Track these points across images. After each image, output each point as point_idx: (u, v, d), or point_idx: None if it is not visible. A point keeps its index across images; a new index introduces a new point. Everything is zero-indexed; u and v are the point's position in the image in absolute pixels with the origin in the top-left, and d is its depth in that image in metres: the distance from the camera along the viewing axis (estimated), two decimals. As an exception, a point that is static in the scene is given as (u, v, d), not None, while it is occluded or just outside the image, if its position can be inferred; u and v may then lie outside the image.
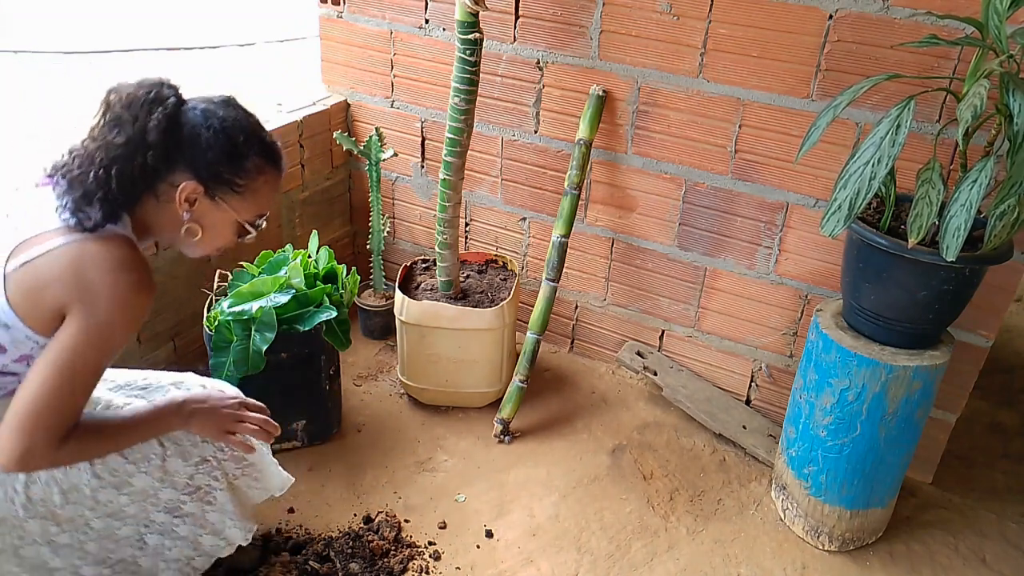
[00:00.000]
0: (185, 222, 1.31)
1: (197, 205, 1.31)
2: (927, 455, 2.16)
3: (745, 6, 1.96)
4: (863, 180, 1.55)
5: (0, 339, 1.27)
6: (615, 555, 1.92)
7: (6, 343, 1.28)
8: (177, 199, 1.28)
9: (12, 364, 1.31)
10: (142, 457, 1.43)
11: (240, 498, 1.61)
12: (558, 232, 2.28)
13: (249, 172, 1.32)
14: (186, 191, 1.28)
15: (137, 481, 1.42)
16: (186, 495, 1.50)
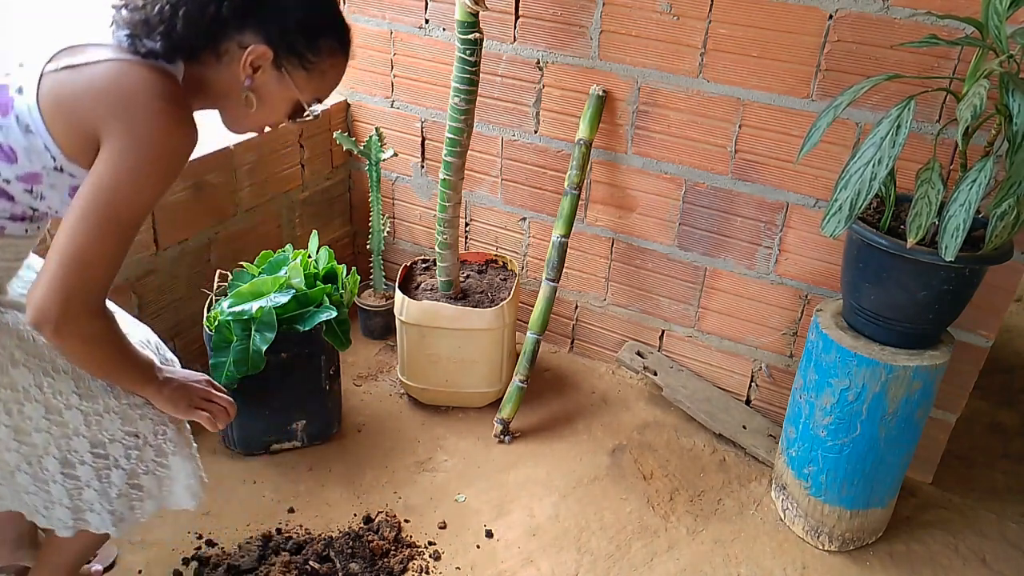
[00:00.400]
0: (244, 88, 1.22)
1: (260, 73, 1.21)
2: (927, 455, 2.16)
3: (745, 6, 1.96)
4: (863, 180, 1.55)
5: (14, 144, 1.14)
6: (615, 555, 1.92)
7: (19, 151, 1.15)
8: (242, 61, 1.19)
9: (15, 182, 1.17)
10: (92, 394, 1.32)
11: (128, 497, 1.41)
12: (558, 232, 2.28)
13: (322, 51, 1.24)
14: (255, 54, 1.18)
15: (69, 415, 1.30)
16: (92, 456, 1.34)
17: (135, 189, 1.14)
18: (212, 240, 2.26)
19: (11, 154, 1.15)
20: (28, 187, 1.19)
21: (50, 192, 1.21)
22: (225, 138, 2.20)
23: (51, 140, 1.14)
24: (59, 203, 1.23)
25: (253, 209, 2.37)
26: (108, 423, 1.34)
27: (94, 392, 1.33)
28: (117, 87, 1.12)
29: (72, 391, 1.30)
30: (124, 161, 1.12)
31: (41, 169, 1.17)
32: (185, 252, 2.18)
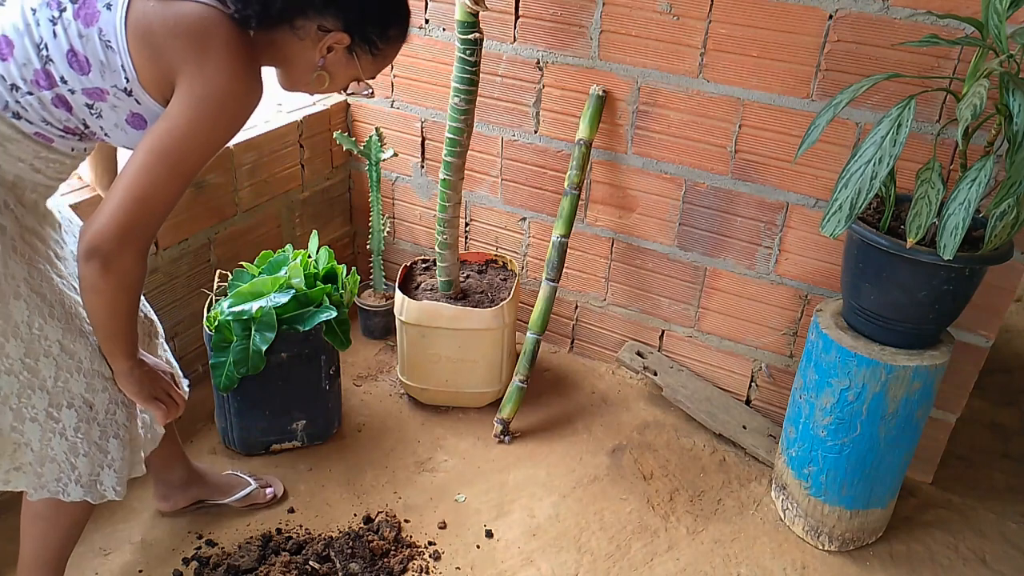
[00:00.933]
0: (317, 68, 1.32)
1: (332, 55, 1.32)
2: (927, 455, 2.16)
3: (745, 6, 1.96)
4: (864, 180, 1.55)
5: (91, 56, 1.18)
6: (615, 555, 1.92)
7: (94, 64, 1.18)
8: (321, 44, 1.28)
9: (79, 93, 1.20)
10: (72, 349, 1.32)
11: (59, 467, 1.39)
12: (558, 232, 2.28)
13: (389, 39, 1.37)
14: (333, 40, 1.28)
15: (43, 364, 1.30)
16: (45, 415, 1.33)
17: (206, 137, 1.21)
18: (212, 240, 2.26)
19: (85, 65, 1.19)
20: (90, 102, 1.22)
21: (109, 112, 1.24)
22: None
23: (130, 62, 1.19)
24: (112, 126, 1.26)
25: (253, 209, 2.37)
26: (74, 384, 1.34)
27: (75, 348, 1.33)
28: (203, 33, 1.18)
29: (57, 339, 1.31)
30: (199, 110, 1.19)
31: (110, 87, 1.21)
32: (185, 252, 2.18)
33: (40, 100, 1.20)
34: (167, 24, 1.18)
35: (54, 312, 1.31)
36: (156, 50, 1.18)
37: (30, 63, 1.18)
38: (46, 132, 1.24)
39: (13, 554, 1.77)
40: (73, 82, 1.20)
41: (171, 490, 1.90)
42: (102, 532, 1.87)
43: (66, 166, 1.32)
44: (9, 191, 1.26)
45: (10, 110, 1.20)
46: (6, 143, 1.21)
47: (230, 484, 1.96)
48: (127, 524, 1.90)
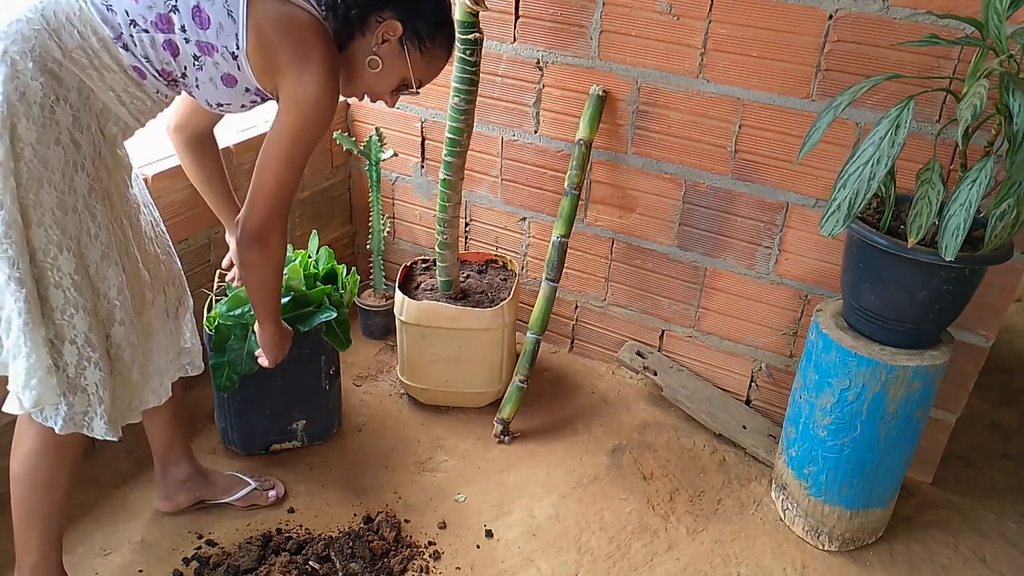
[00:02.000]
0: (370, 52, 1.49)
1: (386, 44, 1.48)
2: (927, 455, 2.16)
3: (745, 6, 1.96)
4: (862, 180, 1.55)
5: (213, 16, 1.35)
6: (615, 555, 1.92)
7: (214, 23, 1.35)
8: (377, 31, 1.46)
9: (192, 44, 1.36)
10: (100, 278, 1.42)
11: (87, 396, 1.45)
12: (558, 232, 2.28)
13: (437, 41, 1.52)
14: (388, 28, 1.46)
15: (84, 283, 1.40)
16: (85, 336, 1.41)
17: (309, 133, 1.44)
18: (212, 240, 2.26)
19: (206, 21, 1.35)
20: (199, 53, 1.38)
21: (211, 67, 1.40)
22: (225, 138, 2.20)
23: (244, 34, 1.37)
24: (207, 79, 1.42)
25: (253, 209, 2.37)
26: (102, 309, 1.44)
27: (108, 275, 1.43)
28: (306, 41, 1.39)
29: (96, 261, 1.41)
30: (301, 113, 1.41)
31: (221, 47, 1.38)
32: (185, 252, 2.18)
33: (152, 40, 1.35)
34: (280, 23, 1.38)
35: (99, 235, 1.40)
36: (266, 41, 1.37)
37: (155, 6, 1.33)
38: (143, 68, 1.37)
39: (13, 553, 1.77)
40: (191, 33, 1.36)
41: (174, 488, 1.90)
42: (102, 532, 1.87)
43: (147, 107, 1.44)
44: (95, 118, 1.38)
45: (122, 40, 1.34)
46: (104, 71, 1.35)
47: (232, 483, 1.97)
48: (127, 524, 1.90)
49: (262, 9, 1.37)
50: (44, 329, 1.37)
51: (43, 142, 1.29)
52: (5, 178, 1.26)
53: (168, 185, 2.06)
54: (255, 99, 1.50)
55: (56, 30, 1.29)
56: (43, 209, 1.31)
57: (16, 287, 1.32)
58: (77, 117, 1.33)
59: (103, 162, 1.40)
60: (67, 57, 1.30)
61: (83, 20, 1.30)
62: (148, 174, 2.01)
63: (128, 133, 1.47)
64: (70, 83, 1.31)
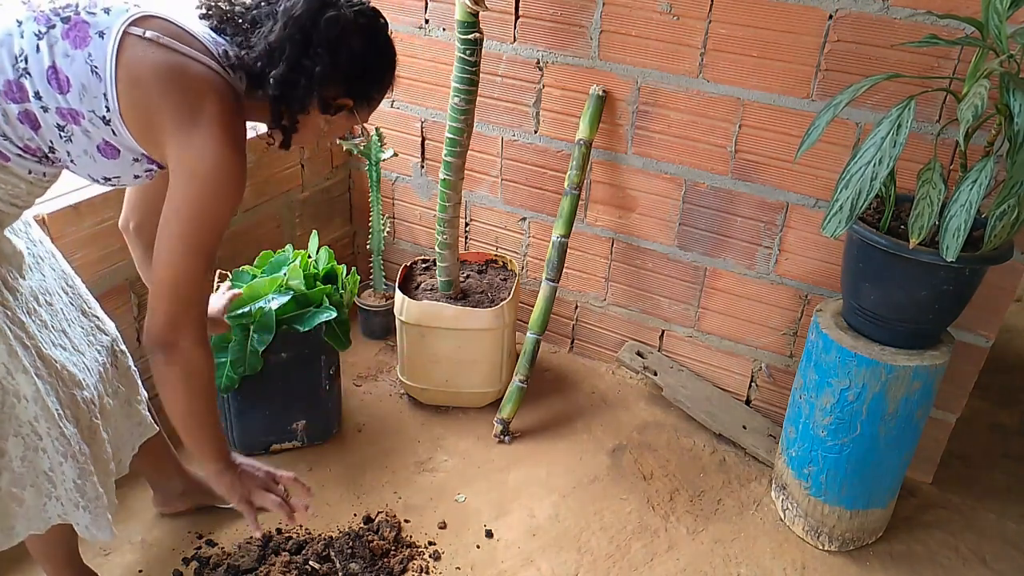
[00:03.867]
0: (319, 128, 1.35)
1: (336, 115, 1.34)
2: (927, 455, 2.16)
3: (745, 6, 1.96)
4: (863, 180, 1.55)
5: (73, 77, 1.15)
6: (615, 555, 1.92)
7: (75, 85, 1.15)
8: (328, 112, 1.31)
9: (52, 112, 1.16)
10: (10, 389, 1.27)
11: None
12: (558, 232, 2.28)
13: (384, 89, 1.39)
14: (343, 104, 1.32)
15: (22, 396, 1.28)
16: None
17: (211, 211, 1.21)
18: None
19: (64, 84, 1.16)
20: (63, 123, 1.18)
21: (81, 136, 1.20)
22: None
23: (114, 94, 1.16)
24: (81, 151, 1.22)
25: (253, 209, 2.37)
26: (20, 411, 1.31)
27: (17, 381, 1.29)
28: (195, 100, 1.18)
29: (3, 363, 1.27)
30: (196, 188, 1.19)
31: (87, 111, 1.18)
32: (185, 252, 2.18)
33: (4, 112, 1.16)
34: (161, 77, 1.16)
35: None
36: (142, 98, 1.17)
37: (3, 72, 1.15)
38: (3, 149, 1.19)
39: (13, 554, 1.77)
40: (48, 99, 1.16)
41: (170, 497, 1.90)
42: (102, 532, 1.87)
43: (21, 190, 1.24)
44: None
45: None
46: None
47: None
48: (127, 524, 1.90)
49: (135, 58, 1.15)
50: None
51: None
52: None
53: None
54: (150, 168, 1.28)
55: None
56: None
57: None
58: None
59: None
60: None
61: None
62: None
63: (7, 220, 1.27)
64: None
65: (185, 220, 1.19)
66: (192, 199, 1.19)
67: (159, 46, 1.17)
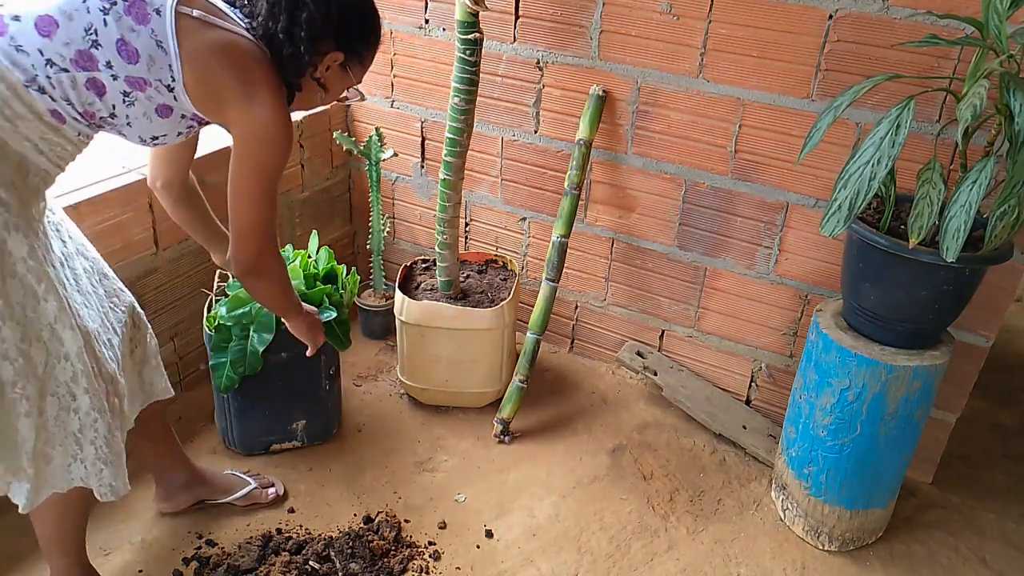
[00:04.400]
0: (316, 85, 1.48)
1: (329, 71, 1.47)
2: (927, 455, 2.16)
3: (745, 6, 1.96)
4: (863, 180, 1.55)
5: (141, 49, 1.28)
6: (615, 555, 1.92)
7: (143, 57, 1.28)
8: (321, 65, 1.44)
9: (121, 80, 1.29)
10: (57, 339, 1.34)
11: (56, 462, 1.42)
12: (558, 232, 2.28)
13: (372, 46, 1.52)
14: (331, 58, 1.44)
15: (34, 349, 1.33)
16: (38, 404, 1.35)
17: (270, 162, 1.41)
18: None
19: (134, 55, 1.28)
20: (129, 89, 1.30)
21: (144, 101, 1.33)
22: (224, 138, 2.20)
23: (179, 66, 1.30)
24: (140, 114, 1.35)
25: (253, 209, 2.37)
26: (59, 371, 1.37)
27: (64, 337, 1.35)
28: (248, 68, 1.35)
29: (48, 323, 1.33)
30: (256, 145, 1.38)
31: (154, 80, 1.31)
32: (185, 252, 2.18)
33: (73, 79, 1.26)
34: (219, 52, 1.32)
35: (48, 296, 1.32)
36: (206, 72, 1.32)
37: (73, 43, 1.24)
38: (63, 111, 1.28)
39: (13, 554, 1.78)
40: (118, 68, 1.28)
41: (173, 491, 1.90)
42: (102, 532, 1.87)
43: (67, 151, 1.35)
44: (15, 171, 1.28)
45: (36, 84, 1.24)
46: (17, 121, 1.25)
47: (231, 483, 1.96)
48: (127, 524, 1.90)
49: (197, 38, 1.31)
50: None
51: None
52: None
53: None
54: (192, 124, 1.44)
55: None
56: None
57: None
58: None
59: (30, 218, 1.32)
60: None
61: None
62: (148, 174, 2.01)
63: (49, 182, 1.36)
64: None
65: (253, 173, 1.40)
66: (256, 156, 1.39)
67: (208, 25, 1.32)
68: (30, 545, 1.67)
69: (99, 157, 1.95)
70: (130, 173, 2.01)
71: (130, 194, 1.97)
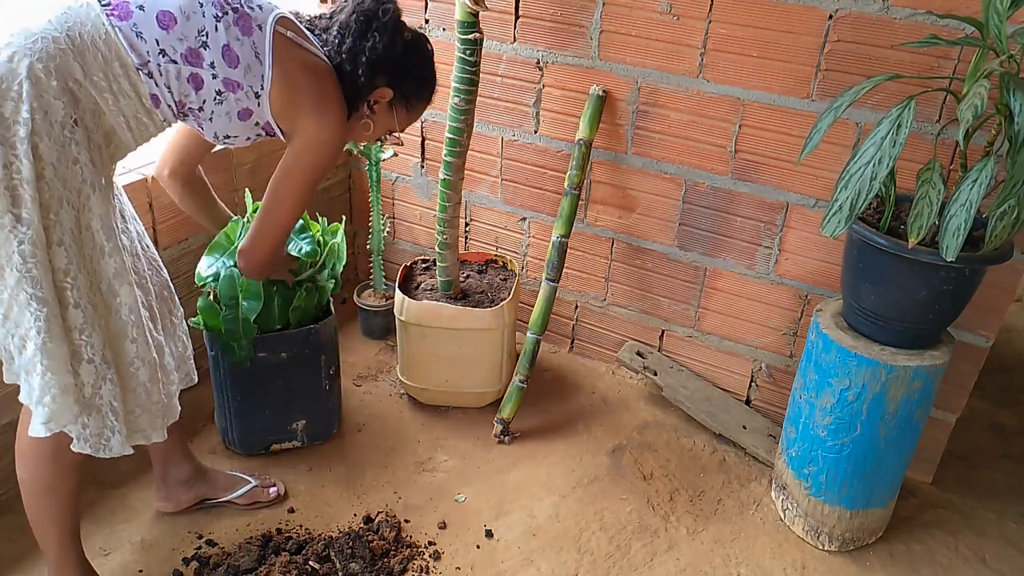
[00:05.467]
0: (365, 116, 1.64)
1: (377, 106, 1.63)
2: (927, 455, 2.16)
3: (745, 6, 1.96)
4: (863, 180, 1.55)
5: (243, 57, 1.43)
6: (615, 555, 1.92)
7: (242, 64, 1.43)
8: (372, 97, 1.60)
9: (220, 80, 1.42)
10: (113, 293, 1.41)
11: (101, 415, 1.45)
12: (558, 232, 2.28)
13: (422, 98, 1.69)
14: (380, 93, 1.60)
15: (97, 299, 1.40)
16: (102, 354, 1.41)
17: (321, 170, 1.55)
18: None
19: (235, 61, 1.43)
20: (223, 89, 1.44)
21: (232, 102, 1.47)
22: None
23: (270, 76, 1.46)
24: (224, 112, 1.48)
25: (253, 209, 2.37)
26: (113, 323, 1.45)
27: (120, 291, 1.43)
28: (326, 88, 1.52)
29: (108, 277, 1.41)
30: (316, 152, 1.52)
31: (247, 85, 1.46)
32: (185, 252, 2.18)
33: (179, 71, 1.39)
34: (306, 69, 1.49)
35: (113, 253, 1.40)
36: (292, 84, 1.47)
37: (186, 40, 1.38)
38: (161, 97, 1.40)
39: (13, 554, 1.78)
40: (220, 69, 1.42)
41: (175, 488, 1.90)
42: (102, 532, 1.87)
43: (149, 133, 1.46)
44: (104, 138, 1.39)
45: (147, 68, 1.36)
46: (120, 96, 1.36)
47: (232, 482, 1.97)
48: (127, 524, 1.90)
49: (289, 55, 1.47)
50: (64, 348, 1.36)
51: (63, 161, 1.29)
52: (33, 197, 1.26)
53: (168, 185, 2.06)
54: (260, 133, 1.57)
55: (81, 51, 1.29)
56: (63, 229, 1.32)
57: (38, 306, 1.31)
58: (91, 138, 1.34)
59: (108, 182, 1.42)
60: (88, 79, 1.30)
61: (108, 44, 1.32)
62: (148, 174, 2.01)
63: (122, 156, 1.47)
64: (86, 104, 1.32)
65: (305, 177, 1.54)
66: (313, 162, 1.53)
67: (297, 46, 1.50)
68: (30, 545, 1.67)
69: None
70: (130, 173, 2.01)
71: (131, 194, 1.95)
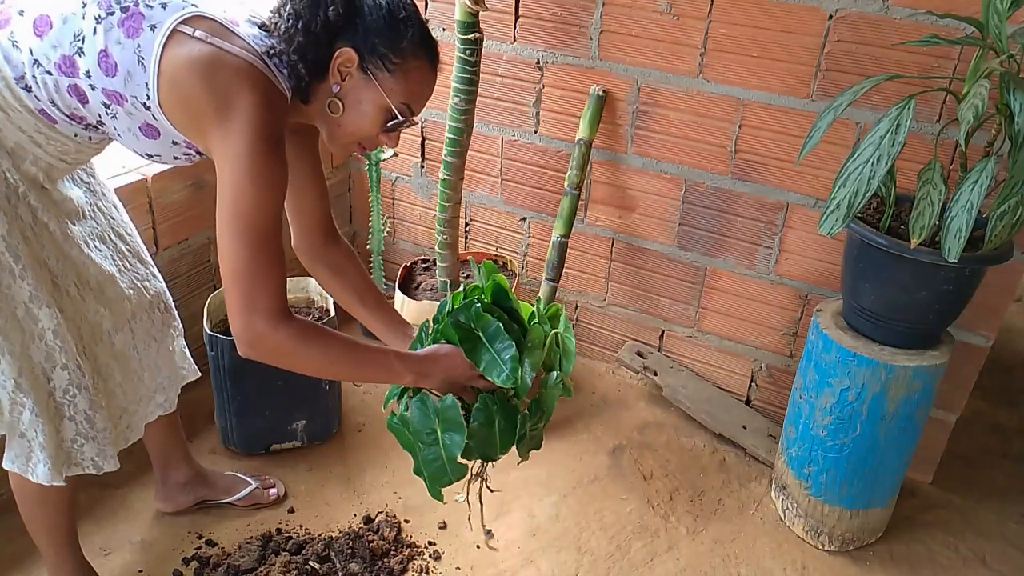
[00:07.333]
0: (332, 95, 1.24)
1: (348, 79, 1.23)
2: (927, 455, 2.16)
3: (745, 6, 1.96)
4: (862, 179, 1.55)
5: (120, 64, 1.18)
6: (615, 555, 1.92)
7: (121, 71, 1.19)
8: (331, 67, 1.21)
9: (99, 91, 1.22)
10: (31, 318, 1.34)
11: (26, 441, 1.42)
12: (558, 232, 2.28)
13: (404, 51, 1.22)
14: (341, 58, 1.21)
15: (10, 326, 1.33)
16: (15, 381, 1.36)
17: (256, 200, 1.16)
18: (212, 240, 2.25)
19: (112, 68, 1.20)
20: (108, 102, 1.24)
21: (124, 117, 1.25)
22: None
23: (155, 85, 1.19)
24: (125, 129, 1.27)
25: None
26: (34, 352, 1.38)
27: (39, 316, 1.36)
28: (228, 91, 1.16)
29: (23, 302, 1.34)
30: (237, 172, 1.16)
31: (130, 96, 1.22)
32: (185, 252, 2.19)
33: (56, 83, 1.23)
34: (195, 68, 1.16)
35: (24, 275, 1.32)
36: (182, 92, 1.18)
37: (60, 47, 1.21)
38: (50, 112, 1.26)
39: (13, 554, 1.78)
40: (96, 79, 1.21)
41: (174, 490, 1.90)
42: (102, 532, 1.87)
43: (69, 148, 1.32)
44: (7, 156, 1.29)
45: (24, 82, 1.23)
46: (9, 111, 1.25)
47: (232, 483, 1.97)
48: (127, 524, 1.90)
49: (176, 54, 1.17)
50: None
51: None
52: None
53: (167, 186, 2.06)
54: (188, 152, 1.31)
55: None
56: None
57: None
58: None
59: (21, 201, 1.31)
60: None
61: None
62: (148, 174, 2.01)
63: (56, 172, 1.36)
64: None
65: (229, 207, 1.16)
66: (231, 185, 1.16)
67: (202, 43, 1.17)
68: (30, 545, 1.67)
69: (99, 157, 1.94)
70: (130, 173, 2.01)
71: (130, 194, 1.97)
